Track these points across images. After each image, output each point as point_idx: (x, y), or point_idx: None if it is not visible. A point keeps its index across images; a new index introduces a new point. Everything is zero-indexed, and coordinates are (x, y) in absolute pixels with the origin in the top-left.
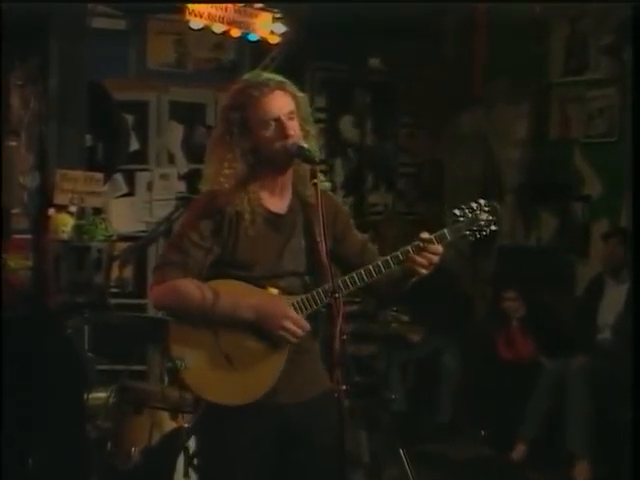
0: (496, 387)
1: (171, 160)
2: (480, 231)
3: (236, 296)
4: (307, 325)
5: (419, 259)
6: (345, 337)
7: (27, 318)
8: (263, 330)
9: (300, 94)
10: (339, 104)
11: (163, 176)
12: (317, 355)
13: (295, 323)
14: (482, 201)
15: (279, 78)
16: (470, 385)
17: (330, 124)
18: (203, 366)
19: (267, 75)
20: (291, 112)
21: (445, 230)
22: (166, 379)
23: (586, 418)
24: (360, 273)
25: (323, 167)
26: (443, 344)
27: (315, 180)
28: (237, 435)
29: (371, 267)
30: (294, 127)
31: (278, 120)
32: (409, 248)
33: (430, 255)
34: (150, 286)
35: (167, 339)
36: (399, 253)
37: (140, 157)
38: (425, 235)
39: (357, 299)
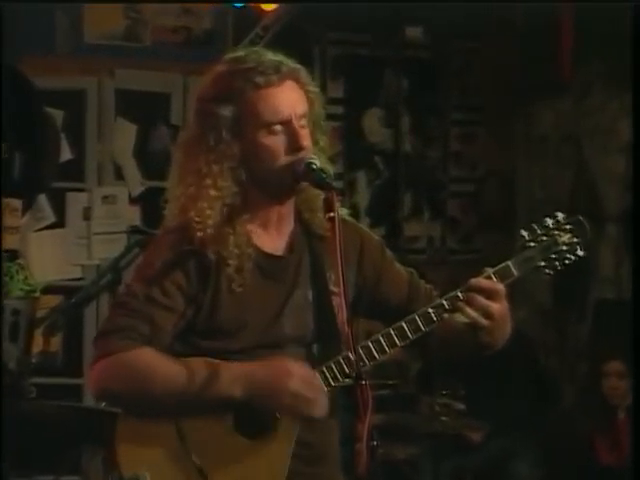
0: None
1: (119, 175)
2: (561, 260)
3: (213, 367)
4: (322, 386)
5: (468, 310)
6: (376, 443)
7: None
8: (260, 410)
9: (314, 88)
10: (363, 93)
11: (107, 199)
12: (336, 466)
13: (309, 384)
14: (560, 215)
15: (292, 63)
16: None
17: (350, 122)
18: None
19: (274, 56)
20: (304, 115)
21: (509, 262)
22: None
23: None
24: (388, 335)
25: (339, 185)
26: (514, 445)
27: (332, 214)
28: None
29: (404, 325)
30: (307, 136)
31: (288, 124)
32: (458, 293)
33: (483, 301)
34: (89, 365)
35: (111, 443)
36: (444, 301)
37: (74, 171)
38: (484, 275)
39: (390, 381)
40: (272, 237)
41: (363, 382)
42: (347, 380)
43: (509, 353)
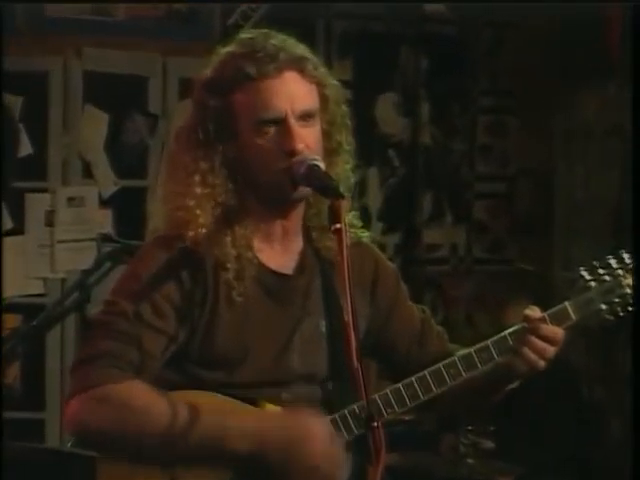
0: None
1: (88, 173)
2: (624, 305)
3: (221, 415)
4: (342, 454)
5: (526, 351)
6: None
7: None
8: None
9: (332, 81)
10: (375, 75)
11: (74, 201)
12: None
13: (330, 453)
14: (625, 255)
15: (298, 50)
16: None
17: (360, 109)
18: None
19: (278, 42)
20: (308, 112)
21: (567, 303)
22: None
23: None
24: (420, 382)
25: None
26: None
27: (338, 225)
28: None
29: (443, 369)
30: (308, 137)
31: (283, 123)
32: (506, 335)
33: (543, 344)
34: (66, 399)
35: None
36: (490, 344)
37: (34, 169)
38: (533, 312)
39: (407, 416)
40: (277, 253)
41: (375, 424)
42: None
43: (546, 382)
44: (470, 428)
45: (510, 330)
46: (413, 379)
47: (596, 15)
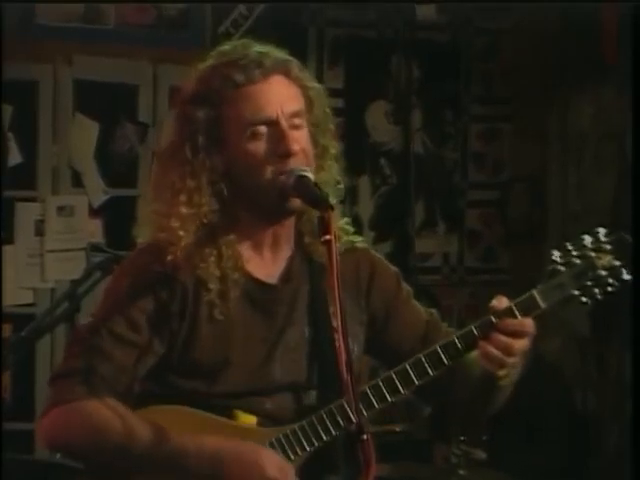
0: None
1: (77, 182)
2: (601, 287)
3: (180, 438)
4: None
5: (489, 348)
6: None
7: None
8: None
9: (315, 84)
10: (366, 82)
11: (64, 210)
12: None
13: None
14: (601, 230)
15: (281, 55)
16: None
17: (351, 117)
18: None
19: (260, 48)
20: (297, 113)
21: (535, 291)
22: None
23: None
24: (390, 379)
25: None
26: None
27: (328, 236)
28: None
29: (409, 367)
30: (300, 140)
31: (275, 125)
32: (472, 328)
33: (506, 340)
34: (41, 413)
35: None
36: (455, 338)
37: (24, 178)
38: (498, 303)
39: (398, 427)
40: (266, 262)
41: (365, 437)
42: (332, 431)
43: (539, 390)
44: (462, 438)
45: (477, 323)
46: (379, 380)
47: (591, 20)
